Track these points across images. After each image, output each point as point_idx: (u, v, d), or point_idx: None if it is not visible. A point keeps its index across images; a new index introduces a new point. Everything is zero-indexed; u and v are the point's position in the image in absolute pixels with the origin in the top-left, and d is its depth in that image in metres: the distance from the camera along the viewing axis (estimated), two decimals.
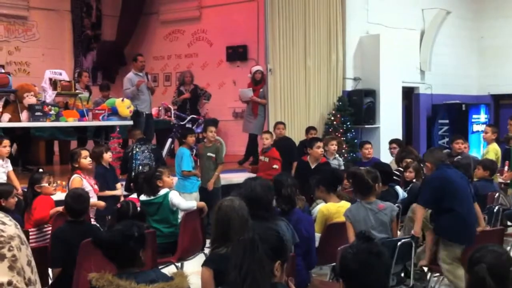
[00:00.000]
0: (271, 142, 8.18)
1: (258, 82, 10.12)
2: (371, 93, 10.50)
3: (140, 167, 7.27)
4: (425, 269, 5.70)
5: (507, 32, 12.75)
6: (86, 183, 6.06)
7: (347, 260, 2.44)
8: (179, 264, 5.62)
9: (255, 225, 3.40)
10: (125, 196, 6.75)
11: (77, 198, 4.66)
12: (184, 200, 6.02)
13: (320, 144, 7.70)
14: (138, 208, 5.56)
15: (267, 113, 9.70)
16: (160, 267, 4.71)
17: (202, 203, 6.16)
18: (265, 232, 2.95)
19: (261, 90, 10.33)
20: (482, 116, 12.10)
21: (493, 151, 8.69)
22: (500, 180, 8.47)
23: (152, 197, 5.71)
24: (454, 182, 5.30)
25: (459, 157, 8.09)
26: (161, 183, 5.76)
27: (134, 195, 6.11)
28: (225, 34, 12.10)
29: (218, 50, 12.38)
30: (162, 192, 5.72)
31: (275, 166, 7.95)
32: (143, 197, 5.77)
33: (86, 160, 6.22)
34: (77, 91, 9.08)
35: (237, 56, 12.08)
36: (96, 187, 6.28)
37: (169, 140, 9.90)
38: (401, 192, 6.80)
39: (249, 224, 3.48)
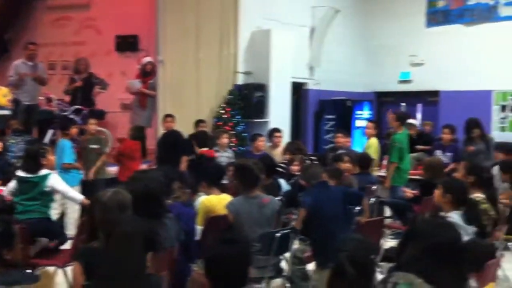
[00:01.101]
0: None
1: (148, 73, 9.94)
2: (262, 88, 10.61)
3: (15, 159, 6.90)
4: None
5: (393, 32, 13.36)
6: None
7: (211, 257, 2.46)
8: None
9: (131, 218, 3.34)
10: None
11: None
12: (71, 189, 5.77)
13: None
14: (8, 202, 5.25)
15: (156, 106, 9.55)
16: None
17: (86, 201, 5.92)
18: (138, 225, 2.90)
19: (150, 82, 10.14)
20: (366, 113, 12.61)
21: (373, 146, 9.11)
22: (379, 173, 8.88)
23: (30, 175, 5.40)
24: (321, 208, 5.28)
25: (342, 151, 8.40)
26: (45, 161, 5.47)
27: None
28: (115, 23, 11.77)
29: (107, 39, 12.00)
30: (43, 172, 5.44)
31: None
32: (20, 173, 5.46)
33: None
34: None
35: (127, 46, 11.78)
36: None
37: (50, 131, 9.47)
38: (284, 185, 6.94)
39: (125, 217, 3.40)
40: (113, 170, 8.40)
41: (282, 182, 6.99)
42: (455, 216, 4.49)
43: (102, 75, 11.60)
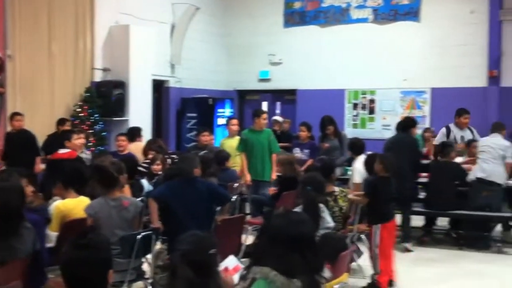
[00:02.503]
0: None
1: None
2: (121, 85, 10.28)
3: None
4: None
5: (252, 31, 13.62)
6: None
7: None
8: None
9: None
10: None
11: None
12: None
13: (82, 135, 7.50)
14: None
15: (4, 103, 8.88)
16: None
17: None
18: None
19: None
20: (227, 110, 12.74)
21: (227, 144, 9.11)
22: None
23: None
24: (174, 202, 5.26)
25: (206, 151, 8.36)
26: None
27: None
28: None
29: None
30: None
31: None
32: None
33: None
34: None
35: None
36: None
37: None
38: (146, 185, 6.78)
39: None
40: None
41: (144, 182, 6.83)
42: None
43: None
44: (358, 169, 7.09)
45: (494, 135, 7.97)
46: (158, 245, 5.80)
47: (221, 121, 12.03)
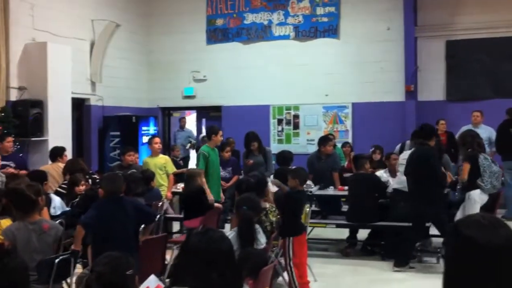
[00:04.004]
0: None
1: None
2: (39, 104, 9.94)
3: None
4: None
5: (174, 48, 13.53)
6: None
7: None
8: None
9: None
10: None
11: None
12: None
13: None
14: None
15: None
16: None
17: None
18: None
19: None
20: (152, 128, 12.57)
21: (152, 163, 8.98)
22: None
23: None
24: (103, 218, 5.15)
25: (133, 170, 8.17)
26: None
27: None
28: None
29: None
30: None
31: None
32: None
33: None
34: None
35: None
36: None
37: None
38: (59, 204, 6.61)
39: None
40: None
41: (58, 202, 6.61)
42: (233, 233, 4.75)
43: None
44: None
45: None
46: (79, 269, 5.63)
47: (145, 139, 11.84)
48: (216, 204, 7.69)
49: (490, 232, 1.66)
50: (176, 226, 9.24)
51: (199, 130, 16.19)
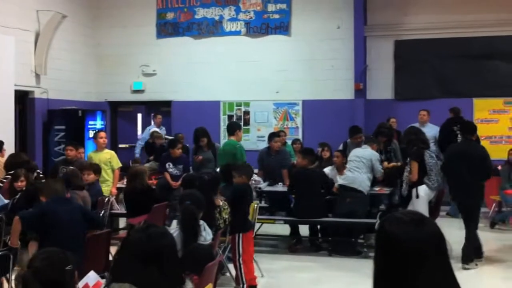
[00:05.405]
0: None
1: None
2: None
3: None
4: None
5: (123, 41, 13.26)
6: None
7: None
8: None
9: None
10: None
11: None
12: None
13: None
14: None
15: None
16: None
17: None
18: None
19: None
20: (98, 123, 12.28)
21: (97, 157, 8.80)
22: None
23: None
24: (46, 215, 5.03)
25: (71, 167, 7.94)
26: None
27: None
28: None
29: None
30: None
31: None
32: None
33: None
34: None
35: None
36: None
37: None
38: None
39: None
40: None
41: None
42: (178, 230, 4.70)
43: None
44: None
45: (364, 146, 8.36)
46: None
47: (92, 133, 11.56)
48: None
49: (411, 229, 1.70)
50: (122, 222, 9.06)
51: (148, 125, 15.90)
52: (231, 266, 6.25)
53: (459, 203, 7.62)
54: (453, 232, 7.59)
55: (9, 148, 9.30)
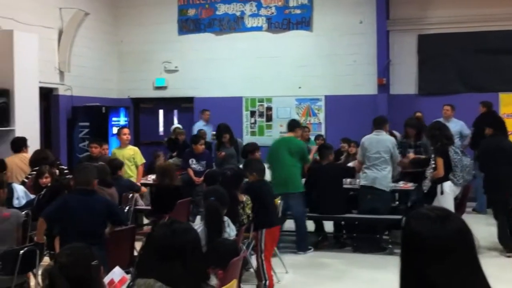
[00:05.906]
0: None
1: None
2: (5, 93, 9.65)
3: None
4: None
5: (145, 38, 13.33)
6: None
7: None
8: None
9: None
10: None
11: None
12: None
13: None
14: None
15: None
16: None
17: None
18: None
19: None
20: (122, 119, 12.37)
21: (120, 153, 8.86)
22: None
23: None
24: (67, 210, 5.02)
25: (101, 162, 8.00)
26: None
27: None
28: None
29: None
30: None
31: None
32: None
33: None
34: None
35: None
36: None
37: None
38: (21, 194, 6.47)
39: None
40: None
41: (21, 190, 6.46)
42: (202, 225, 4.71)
43: None
44: None
45: (377, 132, 8.04)
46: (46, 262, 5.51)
47: (116, 130, 11.65)
48: None
49: (436, 226, 1.67)
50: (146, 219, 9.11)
51: (170, 121, 15.98)
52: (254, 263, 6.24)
53: (495, 197, 7.65)
54: (480, 228, 7.56)
55: (34, 144, 9.41)
